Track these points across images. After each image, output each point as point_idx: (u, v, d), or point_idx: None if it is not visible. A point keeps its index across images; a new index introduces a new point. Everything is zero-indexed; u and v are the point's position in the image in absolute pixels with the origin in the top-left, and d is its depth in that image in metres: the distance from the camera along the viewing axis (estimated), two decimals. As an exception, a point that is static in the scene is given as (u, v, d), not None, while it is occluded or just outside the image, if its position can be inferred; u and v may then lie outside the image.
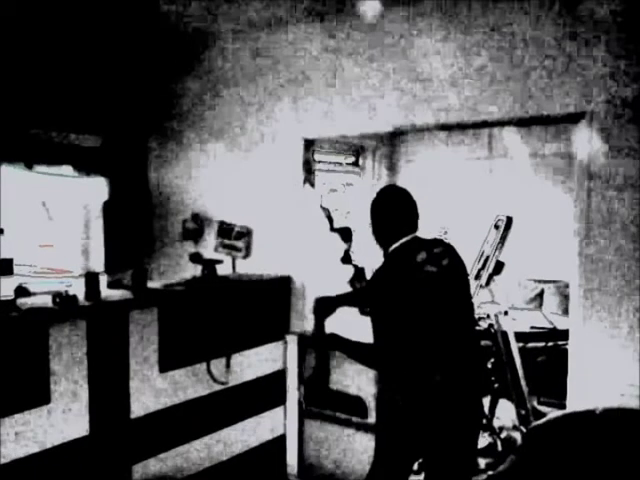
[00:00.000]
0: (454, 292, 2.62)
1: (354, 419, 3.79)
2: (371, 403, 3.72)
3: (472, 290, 4.39)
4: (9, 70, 3.89)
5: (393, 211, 2.68)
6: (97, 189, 4.58)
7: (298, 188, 4.07)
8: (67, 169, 4.45)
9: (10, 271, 2.67)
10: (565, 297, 6.05)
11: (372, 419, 3.72)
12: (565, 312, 5.74)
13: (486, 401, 4.69)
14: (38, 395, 2.72)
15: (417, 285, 2.53)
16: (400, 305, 2.52)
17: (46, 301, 2.83)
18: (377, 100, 3.71)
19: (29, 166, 4.19)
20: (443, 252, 2.62)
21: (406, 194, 2.76)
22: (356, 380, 3.75)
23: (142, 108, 4.72)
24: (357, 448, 3.79)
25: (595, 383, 3.08)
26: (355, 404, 3.78)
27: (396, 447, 2.72)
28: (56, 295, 2.82)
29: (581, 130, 3.14)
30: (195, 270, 3.84)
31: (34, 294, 3.64)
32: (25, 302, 2.81)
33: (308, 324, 4.03)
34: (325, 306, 2.88)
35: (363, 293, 3.08)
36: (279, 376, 4.00)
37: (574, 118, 3.17)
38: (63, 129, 4.31)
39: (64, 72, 4.17)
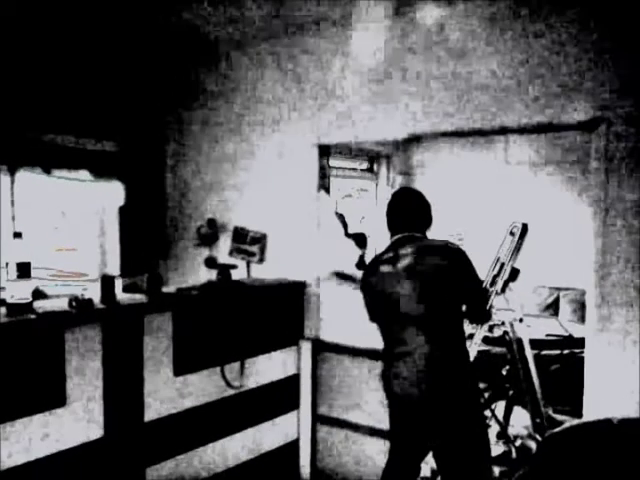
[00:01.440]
0: (411, 290, 2.76)
1: (367, 424, 3.78)
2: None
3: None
4: (27, 77, 3.94)
5: (389, 211, 2.99)
6: (113, 194, 4.62)
7: (313, 194, 4.08)
8: (84, 174, 4.49)
9: (28, 274, 2.69)
10: (581, 304, 6.01)
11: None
12: (581, 319, 5.69)
13: (501, 408, 4.67)
14: (54, 397, 2.74)
15: (373, 282, 2.92)
16: (365, 297, 2.97)
17: (62, 304, 2.86)
18: (392, 106, 3.71)
19: (47, 171, 4.24)
20: (408, 254, 2.81)
21: (403, 196, 3.03)
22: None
23: (159, 113, 4.76)
24: (370, 453, 3.78)
25: (612, 392, 3.04)
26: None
27: (393, 429, 3.02)
28: (72, 298, 2.84)
29: (598, 137, 3.11)
30: (210, 275, 3.86)
31: (50, 297, 3.68)
32: (42, 305, 2.83)
33: (322, 330, 4.04)
34: None
35: None
36: (293, 381, 4.00)
37: (591, 125, 3.14)
38: (80, 134, 4.35)
39: (81, 78, 4.21)
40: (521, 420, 4.68)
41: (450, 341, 2.81)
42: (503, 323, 4.65)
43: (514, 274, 4.37)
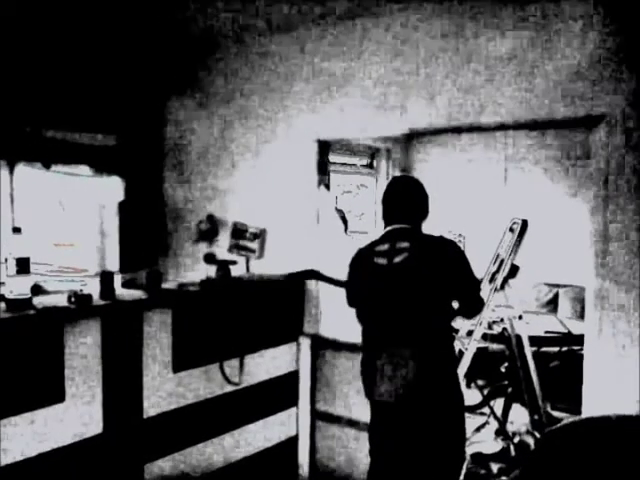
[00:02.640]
0: (407, 287, 2.68)
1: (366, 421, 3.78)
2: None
3: (486, 294, 4.39)
4: (26, 72, 3.93)
5: (383, 199, 2.90)
6: (113, 189, 4.61)
7: (312, 189, 4.07)
8: (83, 169, 4.49)
9: (27, 270, 2.69)
10: (580, 301, 6.02)
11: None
12: (580, 316, 5.70)
13: (499, 405, 4.67)
14: (53, 393, 2.74)
15: (365, 274, 2.82)
16: (353, 287, 2.90)
17: (61, 300, 2.85)
18: (391, 102, 3.70)
19: (46, 166, 4.23)
20: (405, 248, 2.69)
21: (401, 185, 2.92)
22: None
23: (158, 108, 4.75)
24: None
25: (611, 389, 3.05)
26: None
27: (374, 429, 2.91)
28: (71, 294, 2.84)
29: (599, 134, 3.10)
30: (209, 270, 3.85)
31: (49, 293, 3.67)
32: (41, 301, 2.82)
33: (322, 326, 4.04)
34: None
35: None
36: (292, 377, 4.00)
37: (593, 121, 3.13)
38: (79, 129, 4.35)
39: (80, 73, 4.20)
40: (520, 417, 4.69)
41: (440, 340, 2.76)
42: (502, 320, 4.66)
43: (513, 271, 4.37)
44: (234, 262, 3.87)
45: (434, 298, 2.73)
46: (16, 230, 2.71)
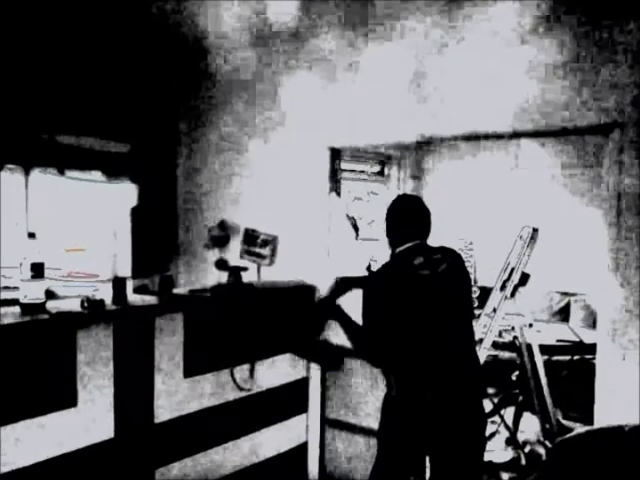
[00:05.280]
0: (450, 298, 2.71)
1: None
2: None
3: (497, 302, 4.38)
4: (41, 79, 3.97)
5: (401, 217, 2.88)
6: (126, 195, 4.64)
7: (324, 197, 4.08)
8: (97, 175, 4.52)
9: (41, 275, 2.71)
10: (592, 310, 5.99)
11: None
12: (592, 325, 5.67)
13: (510, 414, 4.65)
14: (65, 397, 2.75)
15: (409, 287, 2.66)
16: (393, 306, 2.63)
17: (74, 305, 2.87)
18: (404, 110, 3.70)
19: (60, 171, 4.27)
20: (442, 259, 2.74)
21: (416, 203, 2.94)
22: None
23: (171, 115, 4.78)
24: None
25: (623, 399, 3.03)
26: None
27: (394, 450, 2.78)
28: (84, 299, 2.86)
29: (612, 142, 3.09)
30: (220, 277, 3.86)
31: (61, 298, 3.70)
32: (54, 305, 2.84)
33: (331, 333, 4.03)
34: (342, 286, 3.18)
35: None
36: (302, 384, 4.00)
37: (606, 129, 3.12)
38: (93, 135, 4.38)
39: (94, 80, 4.24)
40: (531, 426, 4.66)
41: (474, 350, 2.85)
42: (513, 328, 4.64)
43: (524, 279, 4.36)
44: (245, 268, 3.88)
45: (470, 305, 2.89)
46: (31, 235, 2.74)
